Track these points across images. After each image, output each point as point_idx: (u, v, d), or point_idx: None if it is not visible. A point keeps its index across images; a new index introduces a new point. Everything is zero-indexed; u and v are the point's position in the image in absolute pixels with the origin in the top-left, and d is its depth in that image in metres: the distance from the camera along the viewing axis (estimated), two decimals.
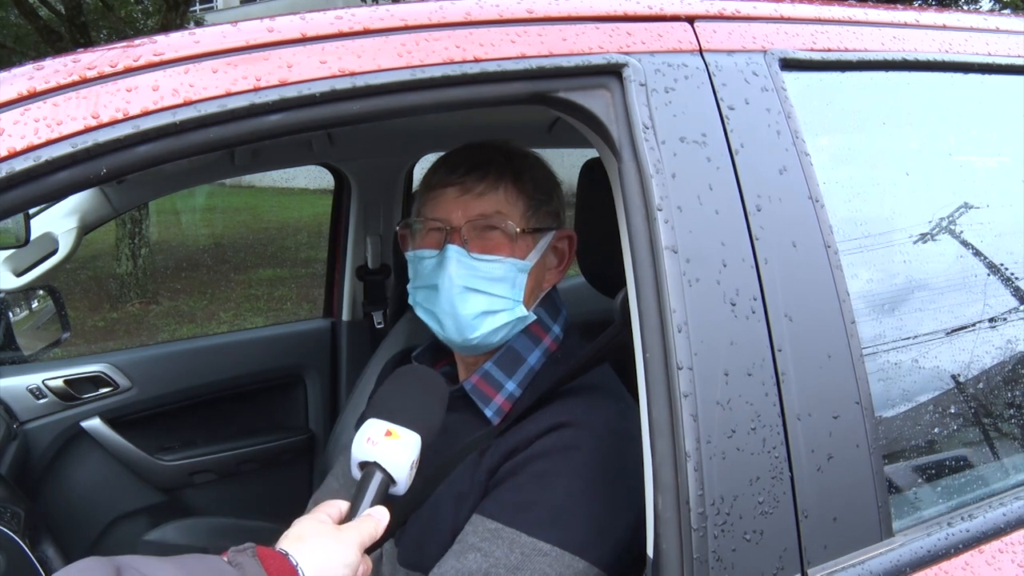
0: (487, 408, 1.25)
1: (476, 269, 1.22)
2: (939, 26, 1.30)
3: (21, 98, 0.80)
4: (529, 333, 1.30)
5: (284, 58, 0.87)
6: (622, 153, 0.98)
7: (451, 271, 1.22)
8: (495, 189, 1.26)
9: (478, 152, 1.30)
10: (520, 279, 1.25)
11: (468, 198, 1.25)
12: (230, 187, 18.04)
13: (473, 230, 1.24)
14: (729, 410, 0.94)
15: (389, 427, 1.06)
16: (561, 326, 1.34)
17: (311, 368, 2.71)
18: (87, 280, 9.39)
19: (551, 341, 1.32)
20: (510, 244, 1.24)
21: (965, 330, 1.29)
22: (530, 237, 1.27)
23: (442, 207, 1.26)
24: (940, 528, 1.08)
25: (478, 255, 1.23)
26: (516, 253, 1.25)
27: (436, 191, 1.28)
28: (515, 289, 1.25)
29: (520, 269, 1.25)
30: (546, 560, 1.09)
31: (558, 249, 1.34)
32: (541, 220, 1.29)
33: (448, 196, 1.26)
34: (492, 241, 1.24)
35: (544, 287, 1.33)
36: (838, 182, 1.16)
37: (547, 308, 1.33)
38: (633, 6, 1.06)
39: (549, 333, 1.32)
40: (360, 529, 0.95)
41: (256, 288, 9.17)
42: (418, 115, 0.93)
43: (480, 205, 1.24)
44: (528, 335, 1.30)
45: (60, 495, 2.34)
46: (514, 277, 1.24)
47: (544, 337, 1.31)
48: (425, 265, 1.26)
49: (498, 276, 1.23)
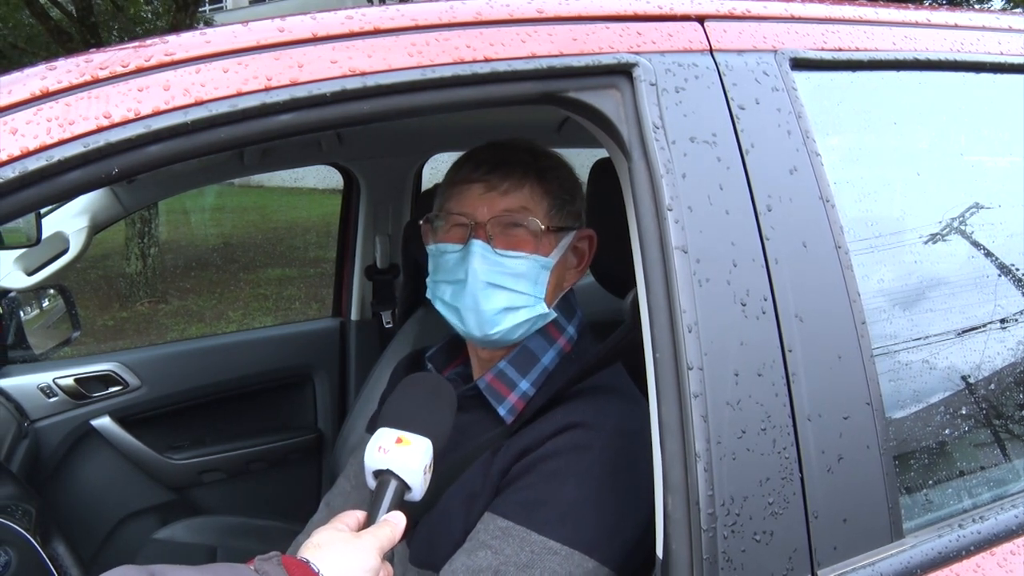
0: (500, 407, 1.26)
1: (500, 265, 1.22)
2: (951, 25, 1.29)
3: (34, 98, 0.80)
4: (544, 333, 1.30)
5: (295, 58, 0.87)
6: (632, 153, 0.98)
7: (475, 266, 1.22)
8: (520, 187, 1.25)
9: (503, 149, 1.30)
10: (543, 276, 1.25)
11: (493, 195, 1.25)
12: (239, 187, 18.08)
13: (498, 226, 1.24)
14: (739, 411, 0.94)
15: (400, 434, 1.07)
16: (576, 327, 1.34)
17: (320, 368, 2.72)
18: (97, 279, 9.42)
19: (565, 342, 1.32)
20: (534, 241, 1.24)
21: (976, 331, 1.29)
22: (553, 235, 1.27)
23: (467, 202, 1.26)
24: (951, 530, 1.08)
25: (502, 251, 1.22)
26: (540, 250, 1.24)
27: (461, 187, 1.28)
28: (537, 286, 1.25)
29: (543, 266, 1.25)
30: (556, 559, 1.09)
31: (578, 249, 1.34)
32: (564, 219, 1.29)
33: (473, 192, 1.26)
34: (516, 238, 1.24)
35: (565, 286, 1.33)
36: (849, 182, 1.15)
37: (563, 309, 1.33)
38: (643, 6, 1.06)
39: (564, 334, 1.32)
40: (378, 535, 0.96)
41: (265, 288, 9.20)
42: (428, 115, 0.93)
43: (505, 201, 1.24)
44: (543, 335, 1.30)
45: (70, 493, 2.35)
46: (537, 274, 1.24)
47: (559, 338, 1.31)
48: (448, 259, 1.26)
49: (521, 272, 1.23)
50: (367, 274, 2.69)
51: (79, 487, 2.37)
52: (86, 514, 2.35)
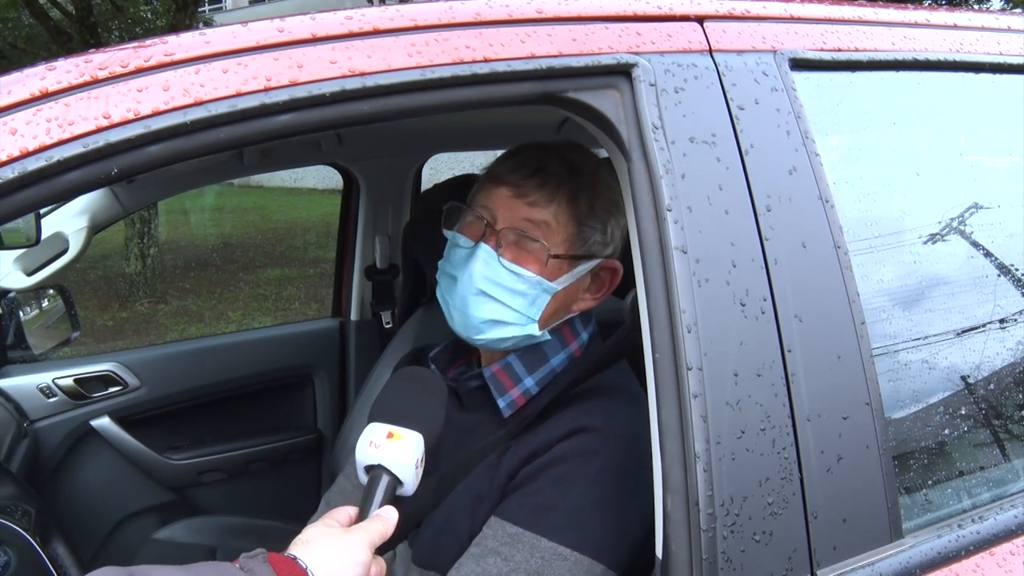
0: (501, 399, 1.25)
1: (500, 276, 1.19)
2: (950, 25, 1.29)
3: (33, 98, 0.80)
4: (559, 335, 1.28)
5: (294, 58, 0.87)
6: (631, 153, 0.98)
7: (474, 269, 1.20)
8: (548, 203, 1.21)
9: (544, 156, 1.25)
10: (541, 299, 1.21)
11: (519, 203, 1.21)
12: (239, 187, 18.09)
13: (511, 235, 1.20)
14: (739, 411, 0.94)
15: (390, 429, 1.07)
16: (589, 333, 1.33)
17: (319, 368, 2.72)
18: (97, 279, 9.42)
19: (577, 347, 1.30)
20: (542, 263, 1.20)
21: (976, 331, 1.29)
22: (566, 263, 1.22)
23: (492, 200, 1.23)
24: (950, 530, 1.08)
25: (507, 263, 1.19)
26: (546, 273, 1.20)
27: (493, 183, 1.25)
28: (533, 307, 1.21)
29: (544, 290, 1.21)
30: (565, 564, 1.09)
31: (599, 277, 1.29)
32: (587, 248, 1.24)
33: (501, 193, 1.23)
34: (526, 253, 1.20)
35: (572, 310, 1.28)
36: (848, 182, 1.15)
37: (580, 316, 1.30)
38: (643, 6, 1.06)
39: (577, 339, 1.31)
40: (368, 529, 0.96)
41: (264, 288, 9.19)
42: (428, 115, 0.93)
43: (528, 211, 1.21)
44: (558, 338, 1.28)
45: (70, 493, 2.35)
46: (536, 296, 1.21)
47: (572, 342, 1.30)
48: (457, 252, 1.25)
49: (520, 290, 1.20)
50: (367, 274, 2.69)
51: (79, 487, 2.37)
52: (86, 514, 2.35)
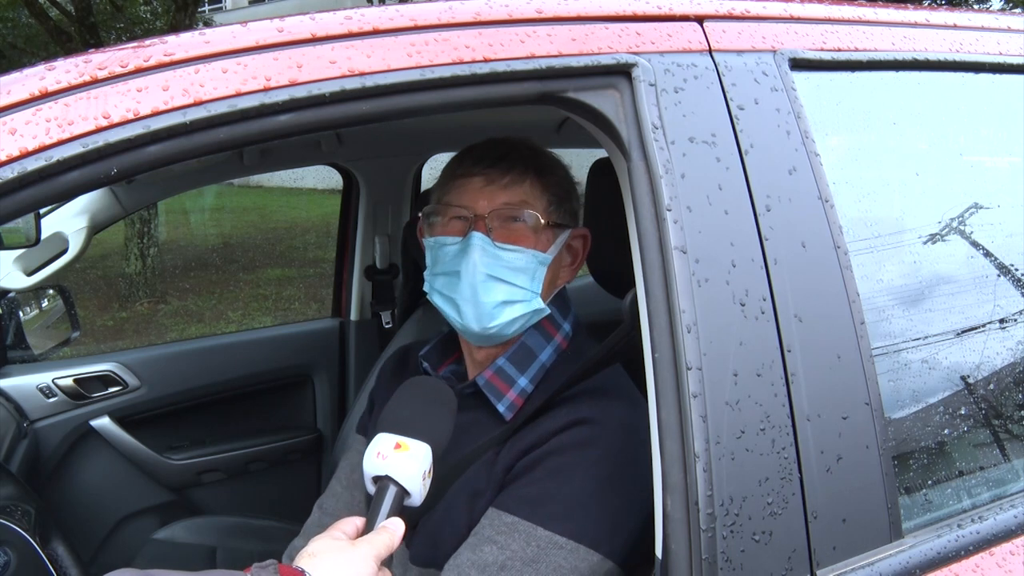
0: (500, 403, 1.26)
1: (499, 258, 1.23)
2: (950, 25, 1.29)
3: (33, 98, 0.80)
4: (541, 330, 1.31)
5: (294, 58, 0.87)
6: (631, 153, 0.98)
7: (475, 258, 1.22)
8: (521, 181, 1.27)
9: (504, 144, 1.31)
10: (540, 272, 1.26)
11: (494, 188, 1.26)
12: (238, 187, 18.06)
13: (498, 219, 1.25)
14: (738, 411, 0.94)
15: (398, 440, 1.06)
16: (571, 324, 1.35)
17: (319, 368, 2.72)
18: (96, 279, 9.42)
19: (562, 338, 1.33)
20: (533, 236, 1.25)
21: (975, 331, 1.29)
22: (551, 232, 1.28)
23: (467, 195, 1.27)
24: (950, 530, 1.08)
25: (502, 244, 1.23)
26: (538, 246, 1.26)
27: (461, 180, 1.29)
28: (534, 281, 1.26)
29: (540, 262, 1.26)
30: (561, 553, 1.10)
31: (572, 247, 1.36)
32: (561, 216, 1.31)
33: (474, 185, 1.27)
34: (516, 232, 1.25)
35: (558, 283, 1.35)
36: (848, 182, 1.15)
37: (558, 306, 1.34)
38: (642, 6, 1.06)
39: (560, 330, 1.33)
40: (374, 542, 0.96)
41: (264, 288, 9.19)
42: (427, 115, 0.93)
43: (506, 195, 1.26)
44: (540, 332, 1.31)
45: (70, 493, 2.35)
46: (535, 269, 1.25)
47: (555, 334, 1.32)
48: (447, 252, 1.27)
49: (520, 267, 1.24)
50: (367, 274, 2.69)
51: (78, 487, 2.37)
52: (86, 515, 2.35)
